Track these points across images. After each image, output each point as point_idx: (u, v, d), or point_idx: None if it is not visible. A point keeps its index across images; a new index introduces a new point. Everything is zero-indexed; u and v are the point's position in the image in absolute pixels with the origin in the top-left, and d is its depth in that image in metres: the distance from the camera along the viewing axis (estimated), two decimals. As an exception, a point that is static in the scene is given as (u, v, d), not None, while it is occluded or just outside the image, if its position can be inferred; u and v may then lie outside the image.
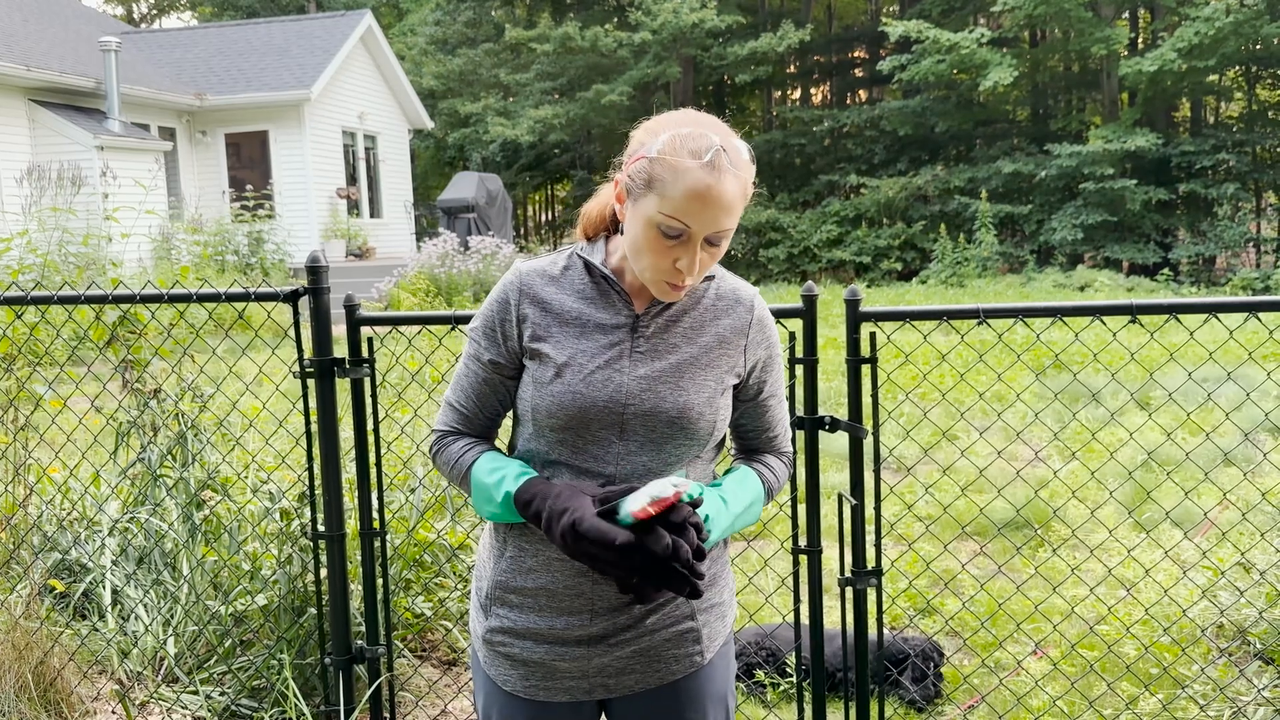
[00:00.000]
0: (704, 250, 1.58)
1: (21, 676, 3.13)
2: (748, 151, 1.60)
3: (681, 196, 1.53)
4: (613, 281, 1.68)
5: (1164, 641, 3.74)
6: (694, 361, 1.67)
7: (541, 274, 1.71)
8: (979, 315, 2.61)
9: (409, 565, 3.68)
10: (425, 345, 6.48)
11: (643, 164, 1.57)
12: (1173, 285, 19.42)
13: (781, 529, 5.22)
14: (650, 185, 1.56)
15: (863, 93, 31.25)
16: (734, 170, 1.55)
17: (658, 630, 1.69)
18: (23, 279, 10.42)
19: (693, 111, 1.63)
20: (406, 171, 24.93)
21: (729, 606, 1.80)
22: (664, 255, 1.57)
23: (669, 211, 1.54)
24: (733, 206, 1.55)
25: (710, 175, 1.53)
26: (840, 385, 8.24)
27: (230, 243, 17.16)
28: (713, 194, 1.53)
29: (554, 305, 1.68)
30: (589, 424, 1.63)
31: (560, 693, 1.71)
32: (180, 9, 43.35)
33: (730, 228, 1.57)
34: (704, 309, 1.71)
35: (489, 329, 1.71)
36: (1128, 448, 6.07)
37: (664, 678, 1.71)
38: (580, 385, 1.63)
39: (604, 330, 1.66)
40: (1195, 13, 20.07)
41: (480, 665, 1.79)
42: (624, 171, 1.62)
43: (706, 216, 1.54)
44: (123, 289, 3.06)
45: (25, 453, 3.76)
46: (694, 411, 1.64)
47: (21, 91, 15.96)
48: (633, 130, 1.66)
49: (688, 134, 1.56)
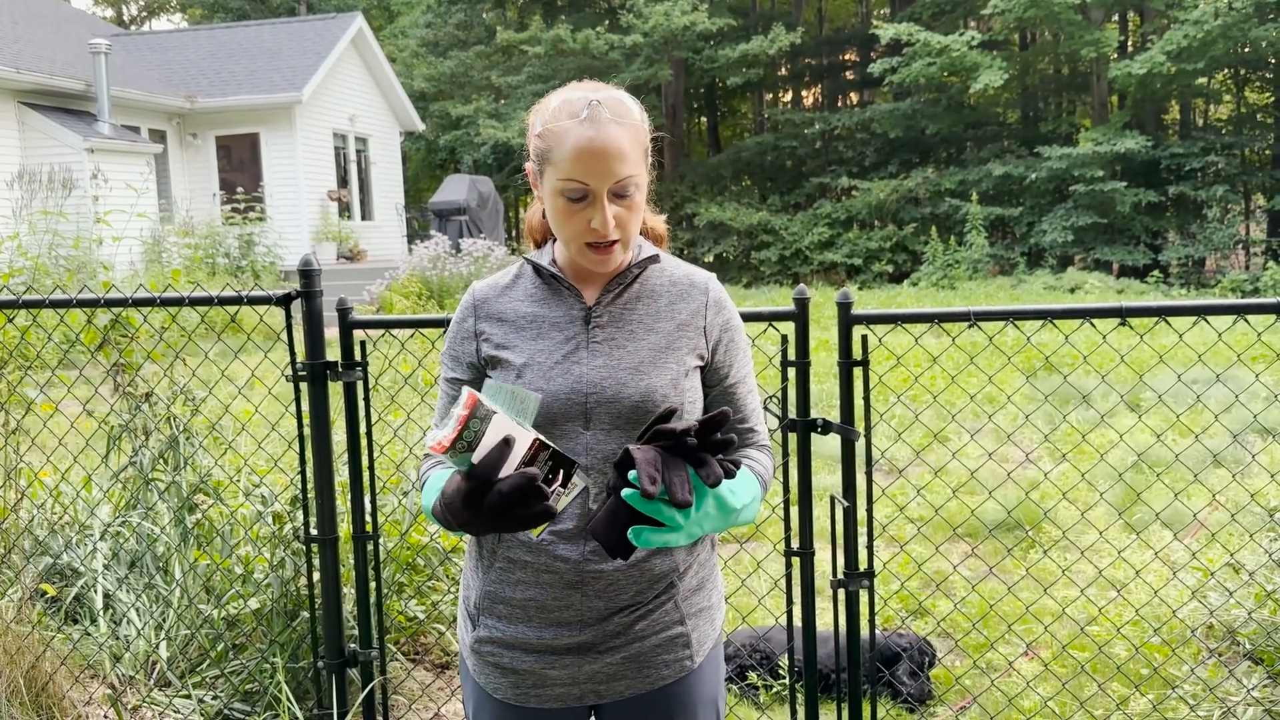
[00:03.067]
0: (614, 204, 1.60)
1: (13, 681, 3.13)
2: (634, 102, 1.65)
3: (570, 157, 1.57)
4: (560, 278, 1.71)
5: (1154, 642, 3.76)
6: (652, 346, 1.68)
7: (493, 287, 1.77)
8: (970, 318, 2.62)
9: (402, 569, 3.68)
10: (418, 348, 6.49)
11: (535, 142, 1.64)
12: (1163, 287, 19.48)
13: (774, 531, 5.23)
14: (545, 158, 1.61)
15: (854, 95, 31.30)
16: (615, 119, 1.58)
17: (647, 636, 1.70)
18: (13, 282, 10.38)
19: (575, 83, 1.68)
20: (398, 174, 24.90)
21: (717, 610, 1.80)
22: (578, 220, 1.61)
23: (564, 175, 1.58)
24: (623, 153, 1.58)
25: (590, 129, 1.57)
26: (832, 387, 8.26)
27: (221, 245, 17.13)
28: (597, 146, 1.56)
29: (508, 314, 1.73)
30: (554, 419, 1.65)
31: (551, 700, 1.71)
32: (170, 11, 43.24)
33: (630, 175, 1.60)
34: (657, 295, 1.73)
35: (452, 350, 1.77)
36: (1118, 449, 6.09)
37: (654, 683, 1.71)
38: (541, 383, 1.65)
39: (558, 327, 1.69)
40: (1184, 16, 20.14)
41: (470, 673, 1.79)
42: (529, 158, 1.68)
43: (599, 169, 1.57)
44: (114, 292, 3.05)
45: (17, 456, 3.75)
46: (658, 395, 1.64)
47: (11, 94, 15.90)
48: (527, 118, 1.71)
49: (566, 99, 1.62)
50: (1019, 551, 4.86)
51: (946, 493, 5.50)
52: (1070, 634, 3.87)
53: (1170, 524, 4.77)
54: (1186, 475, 5.53)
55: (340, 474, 3.20)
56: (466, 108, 26.88)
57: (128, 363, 4.06)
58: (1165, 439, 6.50)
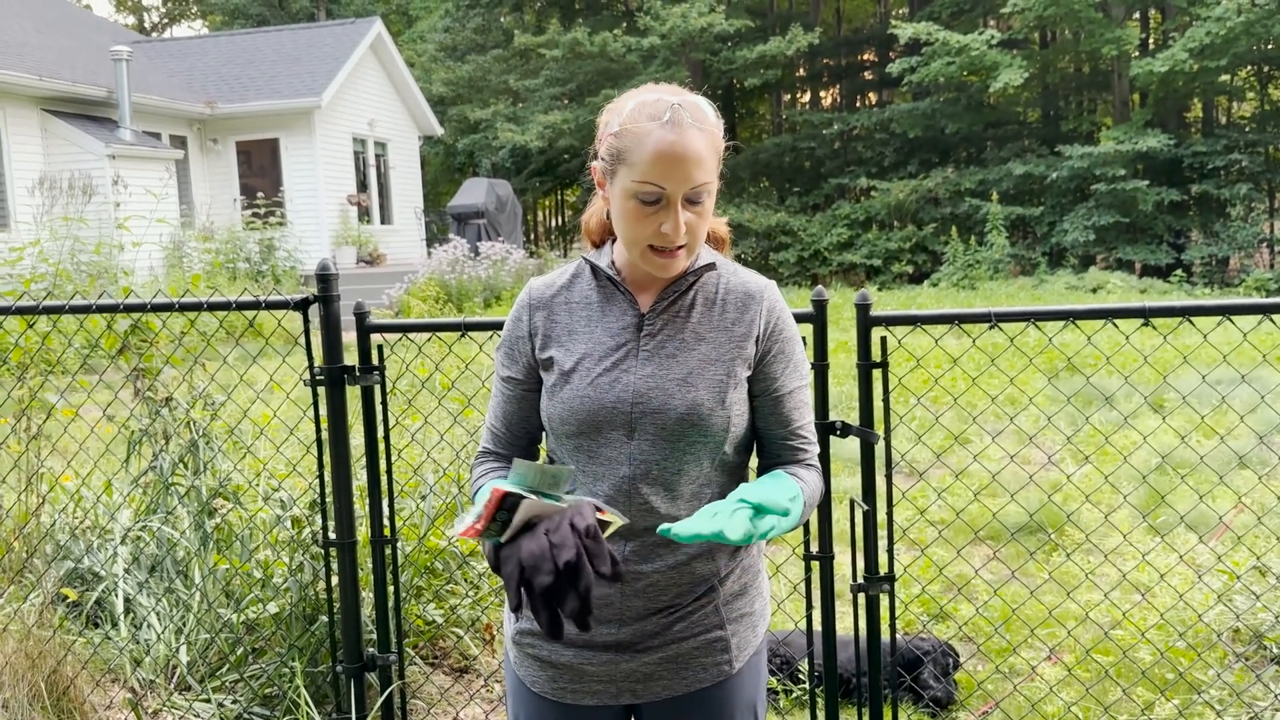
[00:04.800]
0: (686, 210, 1.59)
1: (35, 685, 3.14)
2: (710, 107, 1.63)
3: (649, 160, 1.55)
4: (617, 282, 1.69)
5: (1179, 646, 3.72)
6: (703, 357, 1.66)
7: (550, 285, 1.75)
8: (991, 319, 2.59)
9: (420, 573, 3.68)
10: (436, 352, 6.49)
11: (609, 141, 1.61)
12: (1186, 287, 19.31)
13: (793, 535, 5.21)
14: (620, 159, 1.59)
15: (872, 95, 31.20)
16: (696, 125, 1.58)
17: (686, 638, 1.69)
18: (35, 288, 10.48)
19: (652, 84, 1.67)
20: (417, 178, 25.00)
21: (760, 618, 1.79)
22: (648, 224, 1.59)
23: (640, 178, 1.57)
24: (702, 159, 1.57)
25: (672, 132, 1.55)
26: (851, 390, 8.22)
27: (241, 250, 17.24)
28: (678, 150, 1.55)
29: (562, 314, 1.71)
30: (599, 426, 1.63)
31: (588, 696, 1.72)
32: (191, 18, 43.62)
33: (705, 181, 1.59)
34: (711, 304, 1.70)
35: (507, 346, 1.76)
36: (1141, 451, 6.03)
37: (691, 685, 1.71)
38: (587, 388, 1.64)
39: (610, 332, 1.68)
40: (1206, 12, 19.97)
41: (511, 665, 1.80)
42: (598, 156, 1.66)
43: (678, 174, 1.56)
44: (134, 298, 3.06)
45: (38, 461, 3.78)
46: (704, 408, 1.62)
47: (34, 101, 16.06)
48: (598, 117, 1.70)
49: (644, 100, 1.60)
50: (1041, 555, 4.82)
51: (968, 495, 5.46)
52: (1094, 638, 3.82)
53: (1195, 527, 4.71)
54: (1211, 477, 5.47)
55: (358, 478, 3.20)
56: (484, 112, 26.96)
57: (147, 368, 4.08)
58: (1190, 440, 6.44)
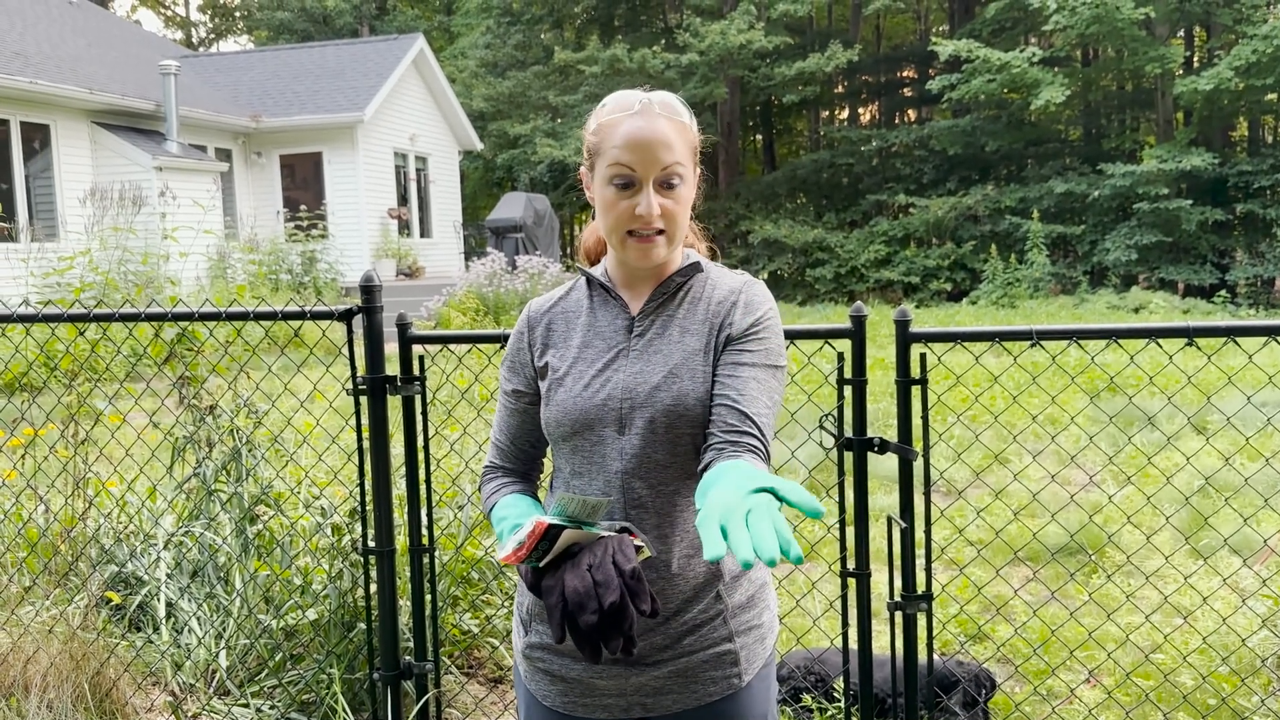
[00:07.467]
0: (660, 195, 1.65)
1: (79, 686, 3.19)
2: (683, 104, 1.71)
3: (619, 145, 1.63)
4: (609, 288, 1.75)
5: (1222, 671, 3.65)
6: (687, 349, 1.69)
7: (548, 300, 1.84)
8: (1032, 337, 2.58)
9: (456, 582, 3.70)
10: (474, 363, 6.54)
11: (588, 140, 1.71)
12: (1230, 307, 19.03)
13: (829, 552, 5.18)
14: (596, 153, 1.68)
15: (911, 112, 31.10)
16: (664, 115, 1.65)
17: (695, 651, 1.70)
18: (85, 297, 10.68)
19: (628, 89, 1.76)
20: (456, 192, 25.20)
21: (769, 631, 1.79)
22: (623, 208, 1.66)
23: (612, 161, 1.64)
24: (670, 143, 1.63)
25: (640, 119, 1.64)
26: (889, 406, 8.18)
27: (284, 262, 17.47)
28: (645, 134, 1.62)
29: (559, 323, 1.79)
30: (591, 425, 1.68)
31: (599, 710, 1.72)
32: (237, 33, 44.34)
33: (674, 163, 1.64)
34: (697, 302, 1.75)
35: (509, 361, 1.83)
36: (1184, 473, 5.94)
37: (701, 699, 1.71)
38: (580, 389, 1.69)
39: (603, 336, 1.74)
40: (1253, 30, 19.75)
41: (521, 680, 1.82)
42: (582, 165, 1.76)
43: (647, 157, 1.62)
44: (181, 307, 3.12)
45: (85, 466, 3.85)
46: (691, 399, 1.65)
47: (84, 114, 16.39)
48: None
49: (617, 97, 1.70)
50: (1081, 576, 4.76)
51: (1007, 515, 5.40)
52: (1134, 661, 3.77)
53: (1239, 550, 4.63)
54: (1256, 500, 5.38)
55: (398, 487, 3.23)
56: (524, 127, 27.16)
57: (193, 376, 4.14)
58: (1234, 462, 6.34)
